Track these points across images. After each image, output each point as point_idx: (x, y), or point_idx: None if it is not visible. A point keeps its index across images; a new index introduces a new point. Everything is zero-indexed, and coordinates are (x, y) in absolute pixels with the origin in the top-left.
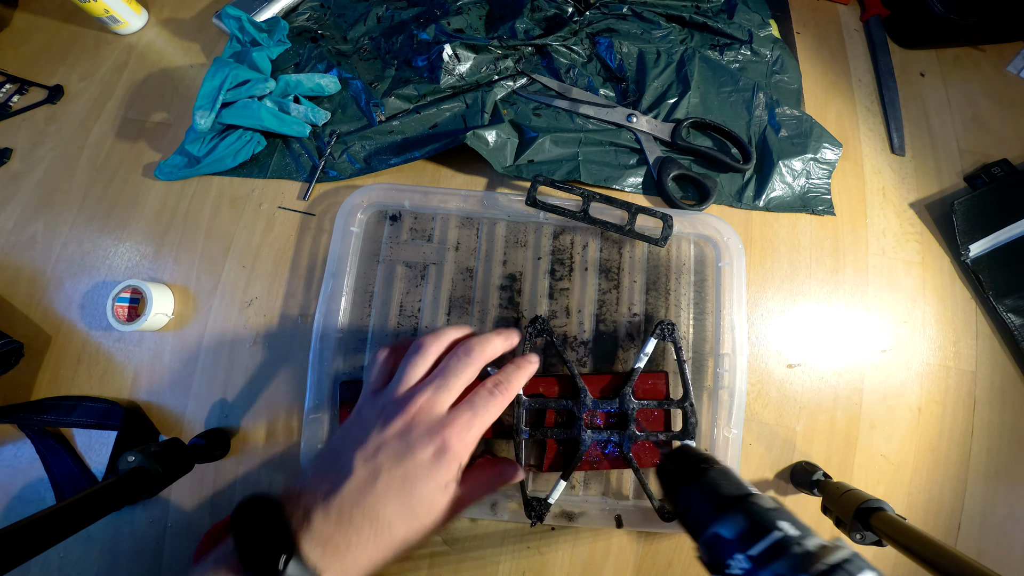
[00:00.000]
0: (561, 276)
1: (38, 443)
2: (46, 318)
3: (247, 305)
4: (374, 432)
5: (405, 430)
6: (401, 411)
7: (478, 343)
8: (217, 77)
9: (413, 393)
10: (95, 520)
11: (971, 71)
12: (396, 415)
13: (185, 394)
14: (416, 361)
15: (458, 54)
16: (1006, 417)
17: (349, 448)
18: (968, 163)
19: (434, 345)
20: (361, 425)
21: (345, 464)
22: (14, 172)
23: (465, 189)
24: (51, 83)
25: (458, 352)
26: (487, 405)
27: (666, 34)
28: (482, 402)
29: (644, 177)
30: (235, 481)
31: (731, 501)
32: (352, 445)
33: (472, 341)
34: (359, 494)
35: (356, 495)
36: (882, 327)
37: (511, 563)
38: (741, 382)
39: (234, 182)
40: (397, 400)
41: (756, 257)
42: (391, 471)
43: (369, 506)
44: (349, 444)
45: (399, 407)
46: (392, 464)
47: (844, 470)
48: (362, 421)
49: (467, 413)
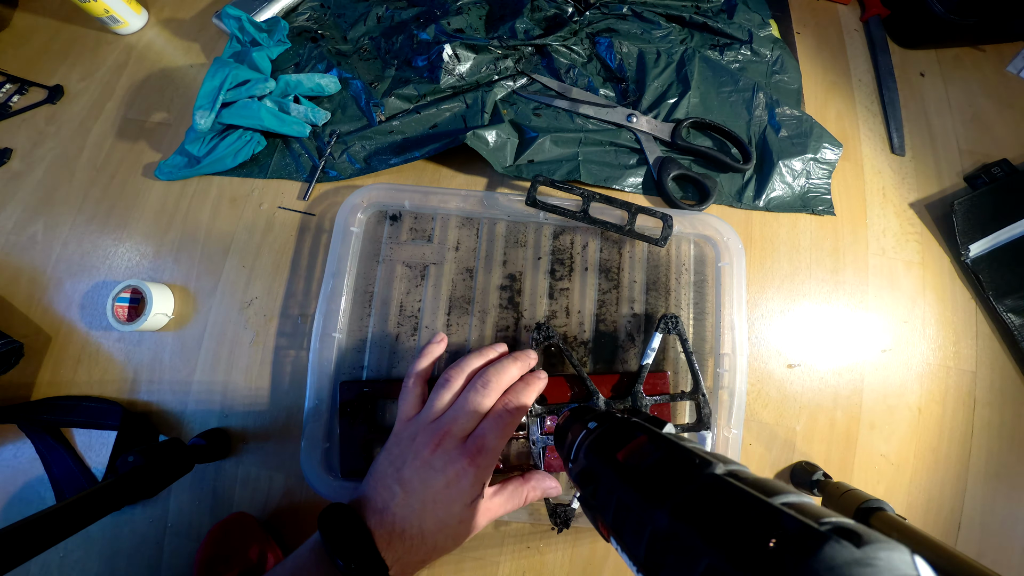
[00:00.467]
0: (561, 276)
1: (38, 443)
2: (46, 318)
3: (247, 305)
4: (409, 458)
5: (432, 456)
6: (429, 439)
7: (495, 374)
8: (217, 77)
9: (439, 423)
10: (95, 520)
11: (971, 71)
12: (425, 443)
13: (185, 394)
14: (442, 394)
15: (458, 54)
16: (1006, 417)
17: (391, 471)
18: (968, 163)
19: (458, 378)
20: (400, 449)
21: (391, 485)
22: (14, 172)
23: (465, 189)
24: (51, 83)
25: (476, 385)
26: (502, 428)
27: (666, 34)
28: (497, 426)
29: (644, 177)
30: (235, 481)
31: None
32: (394, 469)
33: (489, 372)
34: (404, 512)
35: (402, 513)
36: (882, 327)
37: (511, 563)
38: (741, 382)
39: (234, 182)
40: (426, 429)
41: (756, 257)
42: (424, 493)
43: (412, 522)
44: (391, 467)
45: (427, 435)
46: (424, 487)
47: (844, 470)
48: (400, 445)
49: (484, 437)
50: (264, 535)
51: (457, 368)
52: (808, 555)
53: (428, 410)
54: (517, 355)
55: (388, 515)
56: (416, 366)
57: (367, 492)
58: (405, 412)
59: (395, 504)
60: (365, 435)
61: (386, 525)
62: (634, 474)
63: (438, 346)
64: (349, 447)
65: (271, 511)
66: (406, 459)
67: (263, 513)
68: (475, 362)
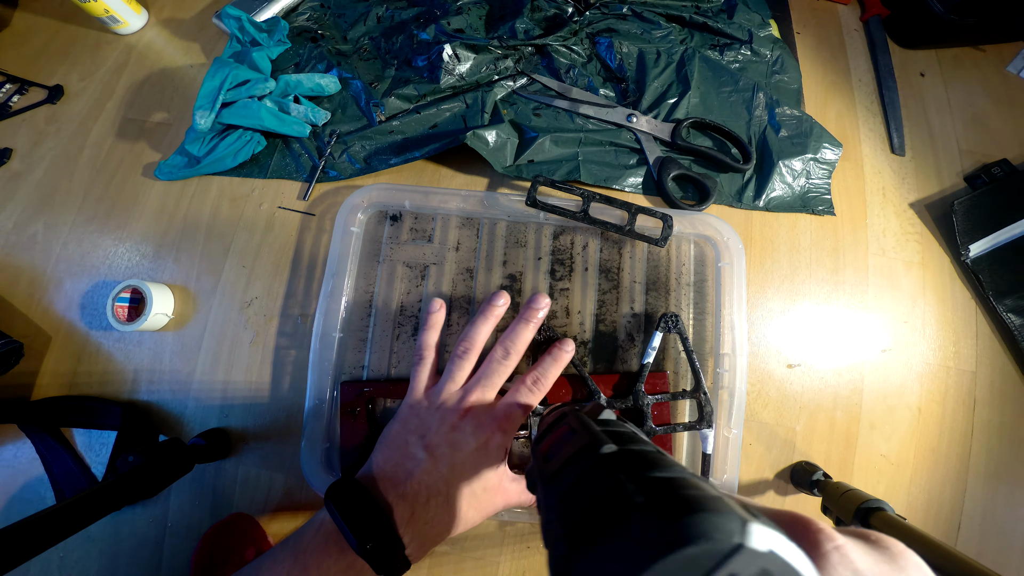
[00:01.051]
0: (561, 276)
1: (38, 443)
2: (46, 318)
3: (247, 305)
4: (435, 424)
5: (462, 422)
6: (457, 406)
7: (511, 342)
8: (217, 77)
9: (465, 390)
10: (95, 520)
11: (971, 71)
12: (453, 410)
13: (185, 394)
14: (461, 363)
15: (458, 54)
16: (1006, 417)
17: (414, 439)
18: (968, 163)
19: (475, 347)
20: (421, 419)
21: (414, 453)
22: (14, 172)
23: (465, 189)
24: (51, 83)
25: (496, 355)
26: (528, 399)
27: (666, 34)
28: (523, 397)
29: (644, 177)
30: (235, 481)
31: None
32: (416, 437)
33: (507, 341)
34: (431, 480)
35: (429, 481)
36: (882, 327)
37: (511, 563)
38: (741, 382)
39: (234, 182)
40: (451, 397)
41: (756, 257)
42: (453, 457)
43: (440, 490)
44: (412, 436)
45: (454, 404)
46: (453, 451)
47: (844, 470)
48: (421, 415)
49: (511, 407)
50: (263, 536)
51: (468, 339)
52: (620, 532)
53: (448, 380)
54: (527, 316)
55: (412, 483)
56: (425, 338)
57: (381, 464)
58: (421, 384)
59: (421, 471)
60: (366, 435)
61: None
62: (542, 463)
63: (439, 314)
64: (350, 447)
65: (271, 511)
66: (431, 426)
67: (263, 513)
68: (483, 330)
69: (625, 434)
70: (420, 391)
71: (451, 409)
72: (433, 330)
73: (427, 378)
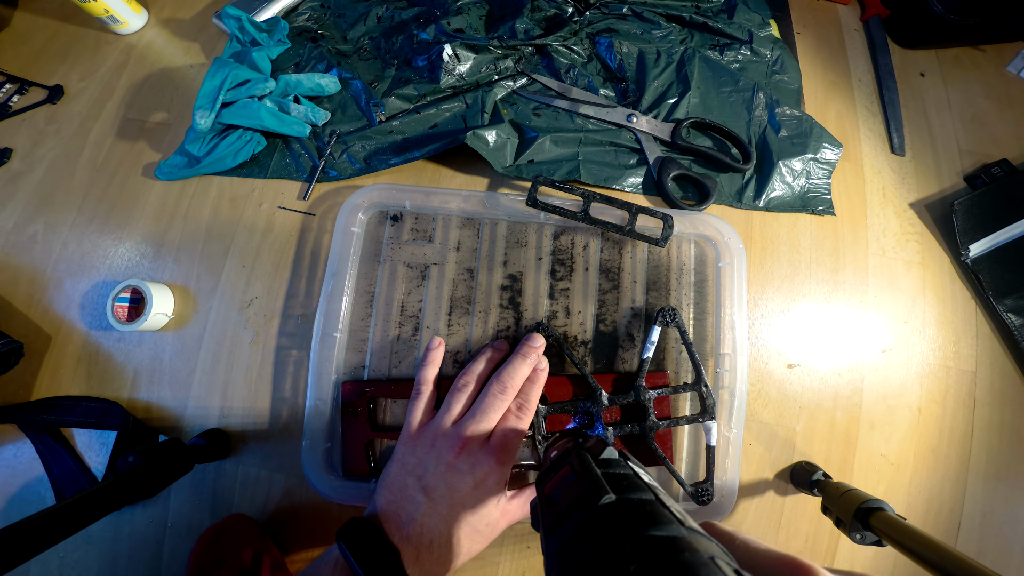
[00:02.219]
0: (562, 276)
1: (38, 443)
2: (46, 318)
3: (247, 305)
4: (431, 464)
5: (457, 460)
6: (451, 444)
7: (509, 376)
8: (217, 77)
9: (460, 426)
10: (95, 520)
11: (971, 71)
12: (449, 448)
13: (185, 394)
14: (458, 397)
15: (458, 54)
16: (1006, 417)
17: (412, 481)
18: (968, 163)
19: (472, 383)
20: (418, 458)
21: (413, 495)
22: (14, 172)
23: (466, 189)
24: (51, 83)
25: (492, 390)
26: (518, 424)
27: (666, 34)
28: (513, 424)
29: (644, 177)
30: (235, 481)
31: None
32: (415, 479)
33: (504, 376)
34: (432, 523)
35: (431, 524)
36: (882, 327)
37: (511, 563)
38: (741, 382)
39: (234, 182)
40: (446, 434)
41: (756, 257)
42: (452, 497)
43: (442, 532)
44: (410, 478)
45: (449, 441)
46: (451, 492)
47: (844, 470)
48: (417, 453)
49: (504, 437)
50: (261, 537)
51: (469, 373)
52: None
53: (445, 415)
54: (524, 351)
55: (415, 528)
56: (424, 374)
57: (384, 507)
58: (417, 420)
59: (421, 514)
60: (367, 435)
61: (413, 540)
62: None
63: (438, 351)
64: (351, 447)
65: (271, 511)
66: (427, 466)
67: (263, 513)
68: (483, 366)
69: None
70: (415, 425)
71: (447, 446)
72: (432, 366)
73: (423, 412)
